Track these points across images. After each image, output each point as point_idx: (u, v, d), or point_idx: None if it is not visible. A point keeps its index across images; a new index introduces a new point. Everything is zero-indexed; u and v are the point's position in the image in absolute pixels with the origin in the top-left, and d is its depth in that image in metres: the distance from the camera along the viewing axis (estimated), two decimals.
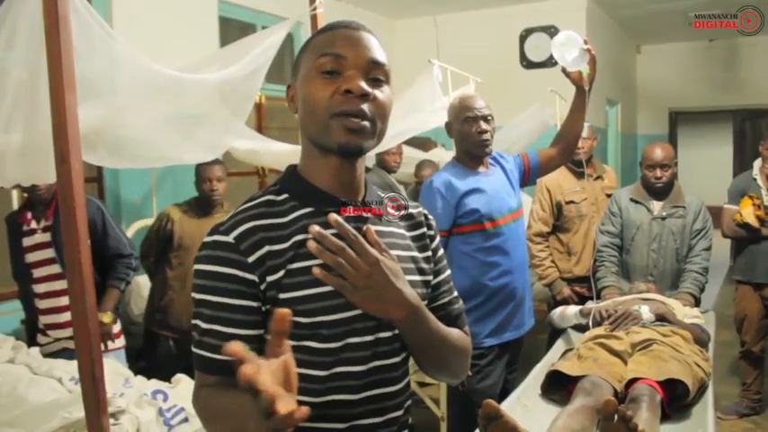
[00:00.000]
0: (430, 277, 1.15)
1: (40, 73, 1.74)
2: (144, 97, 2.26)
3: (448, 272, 1.21)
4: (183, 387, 2.34)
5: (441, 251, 1.20)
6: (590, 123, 3.39)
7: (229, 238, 0.99)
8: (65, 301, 2.76)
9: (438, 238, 1.20)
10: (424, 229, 1.16)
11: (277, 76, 4.56)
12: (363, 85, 0.99)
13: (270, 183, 1.20)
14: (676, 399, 2.10)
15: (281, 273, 0.98)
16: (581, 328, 2.84)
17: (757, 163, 3.75)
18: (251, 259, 0.98)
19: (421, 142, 4.97)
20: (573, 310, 2.98)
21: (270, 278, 0.98)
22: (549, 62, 2.52)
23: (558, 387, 2.24)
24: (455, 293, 1.24)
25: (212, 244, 1.00)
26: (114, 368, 2.50)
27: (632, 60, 8.69)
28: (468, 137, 2.46)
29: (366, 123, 0.99)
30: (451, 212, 2.43)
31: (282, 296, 0.98)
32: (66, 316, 2.79)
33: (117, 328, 2.97)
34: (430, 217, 1.20)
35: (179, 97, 2.38)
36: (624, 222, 3.31)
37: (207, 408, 0.98)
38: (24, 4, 1.81)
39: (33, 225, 2.83)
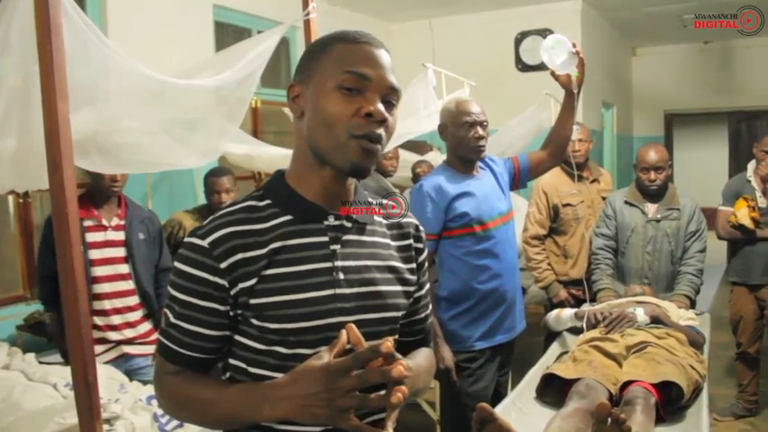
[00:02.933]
0: (412, 288, 1.15)
1: (33, 79, 1.74)
2: (138, 103, 2.27)
3: (428, 286, 1.23)
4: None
5: (426, 266, 1.20)
6: (578, 126, 3.39)
7: (204, 243, 1.01)
8: (132, 300, 2.80)
9: (426, 253, 1.20)
10: (411, 241, 1.17)
11: (272, 80, 4.57)
12: (383, 110, 1.01)
13: None
14: (671, 401, 2.11)
15: (255, 279, 1.01)
16: (576, 331, 2.84)
17: (751, 165, 3.76)
18: (223, 265, 1.00)
19: (417, 146, 4.99)
20: (568, 313, 2.98)
21: (242, 285, 1.00)
22: (545, 65, 2.53)
23: (553, 390, 2.24)
24: (430, 307, 1.26)
25: (189, 245, 1.03)
26: (109, 373, 2.50)
27: (627, 63, 8.70)
28: (465, 142, 2.47)
29: (379, 147, 1.02)
30: (441, 216, 2.43)
31: (253, 302, 1.01)
32: (135, 316, 2.82)
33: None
34: (421, 230, 1.20)
35: (174, 102, 2.38)
36: (619, 225, 3.31)
37: (178, 395, 1.04)
38: (17, 9, 1.81)
39: (104, 222, 2.78)
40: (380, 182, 4.08)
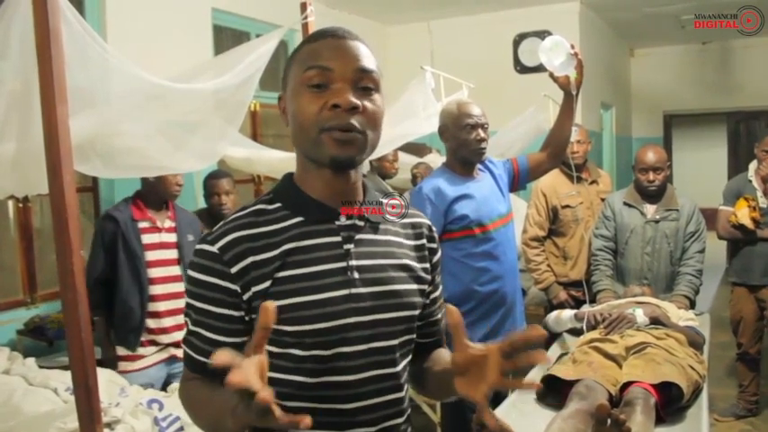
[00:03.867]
0: (427, 287, 1.14)
1: (32, 84, 1.74)
2: (137, 107, 2.27)
3: (441, 288, 1.22)
4: (178, 396, 2.34)
5: (439, 268, 1.19)
6: (577, 128, 3.40)
7: (214, 248, 1.00)
8: (182, 303, 2.78)
9: (439, 253, 1.19)
10: (424, 241, 1.16)
11: (272, 83, 4.57)
12: (351, 98, 0.98)
13: (265, 190, 1.20)
14: (671, 402, 2.10)
15: (268, 282, 0.99)
16: (576, 332, 2.84)
17: (753, 165, 3.76)
18: (234, 269, 0.99)
19: (416, 148, 5.00)
20: (568, 314, 2.98)
21: (255, 288, 0.99)
22: (543, 67, 2.55)
23: (554, 391, 2.24)
24: (443, 309, 1.24)
25: (200, 252, 1.02)
26: (110, 377, 2.50)
27: (626, 64, 8.72)
28: (468, 144, 2.48)
29: (357, 135, 0.99)
30: (441, 219, 2.43)
31: None
32: (183, 318, 2.81)
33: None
34: (433, 230, 1.19)
35: (173, 106, 2.38)
36: (618, 226, 3.32)
37: (190, 399, 1.04)
38: (16, 14, 1.82)
39: (158, 223, 2.82)
40: (379, 184, 4.09)
